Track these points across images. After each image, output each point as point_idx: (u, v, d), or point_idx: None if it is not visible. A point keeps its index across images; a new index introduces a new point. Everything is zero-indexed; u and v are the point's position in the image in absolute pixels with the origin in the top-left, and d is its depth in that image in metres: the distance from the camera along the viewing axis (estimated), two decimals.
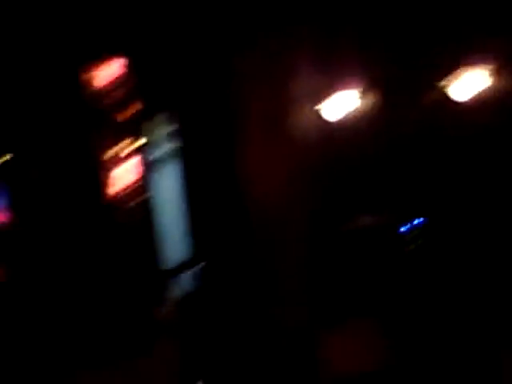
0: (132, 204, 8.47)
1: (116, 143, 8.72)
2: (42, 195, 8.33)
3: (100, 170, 8.33)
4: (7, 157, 8.62)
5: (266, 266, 7.77)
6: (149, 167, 8.69)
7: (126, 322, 7.45)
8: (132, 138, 8.89)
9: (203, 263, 8.11)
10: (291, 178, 7.91)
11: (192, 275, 8.07)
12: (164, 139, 9.13)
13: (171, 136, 8.98)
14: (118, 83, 8.79)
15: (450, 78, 7.82)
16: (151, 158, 8.80)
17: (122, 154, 8.83)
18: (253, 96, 8.04)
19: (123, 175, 8.80)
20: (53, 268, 7.82)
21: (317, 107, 8.06)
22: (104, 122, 8.57)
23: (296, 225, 7.88)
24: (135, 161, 8.85)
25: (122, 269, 7.68)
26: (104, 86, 8.74)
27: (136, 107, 8.89)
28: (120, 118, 8.79)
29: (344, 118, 7.99)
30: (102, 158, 8.49)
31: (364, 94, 7.99)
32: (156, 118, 9.00)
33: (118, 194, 8.47)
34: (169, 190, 8.74)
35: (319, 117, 8.08)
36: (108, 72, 8.74)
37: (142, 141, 8.85)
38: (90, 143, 8.32)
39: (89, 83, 8.67)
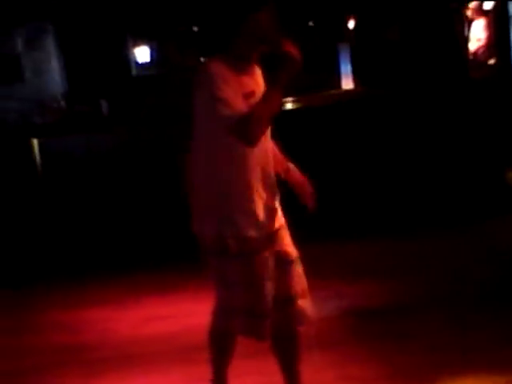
0: (487, 62, 8.15)
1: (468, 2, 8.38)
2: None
3: (456, 27, 8.01)
4: None
5: None
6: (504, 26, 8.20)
7: (477, 185, 7.21)
8: None
9: None
10: None
11: None
12: None
13: None
14: None
15: None
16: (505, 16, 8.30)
17: (475, 13, 8.49)
18: None
19: (478, 33, 8.45)
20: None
21: None
22: None
23: None
24: (488, 20, 8.43)
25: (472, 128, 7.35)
26: None
27: None
28: None
29: None
30: (458, 15, 8.17)
31: None
32: None
33: (473, 51, 8.20)
34: None
35: None
36: None
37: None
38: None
39: None
